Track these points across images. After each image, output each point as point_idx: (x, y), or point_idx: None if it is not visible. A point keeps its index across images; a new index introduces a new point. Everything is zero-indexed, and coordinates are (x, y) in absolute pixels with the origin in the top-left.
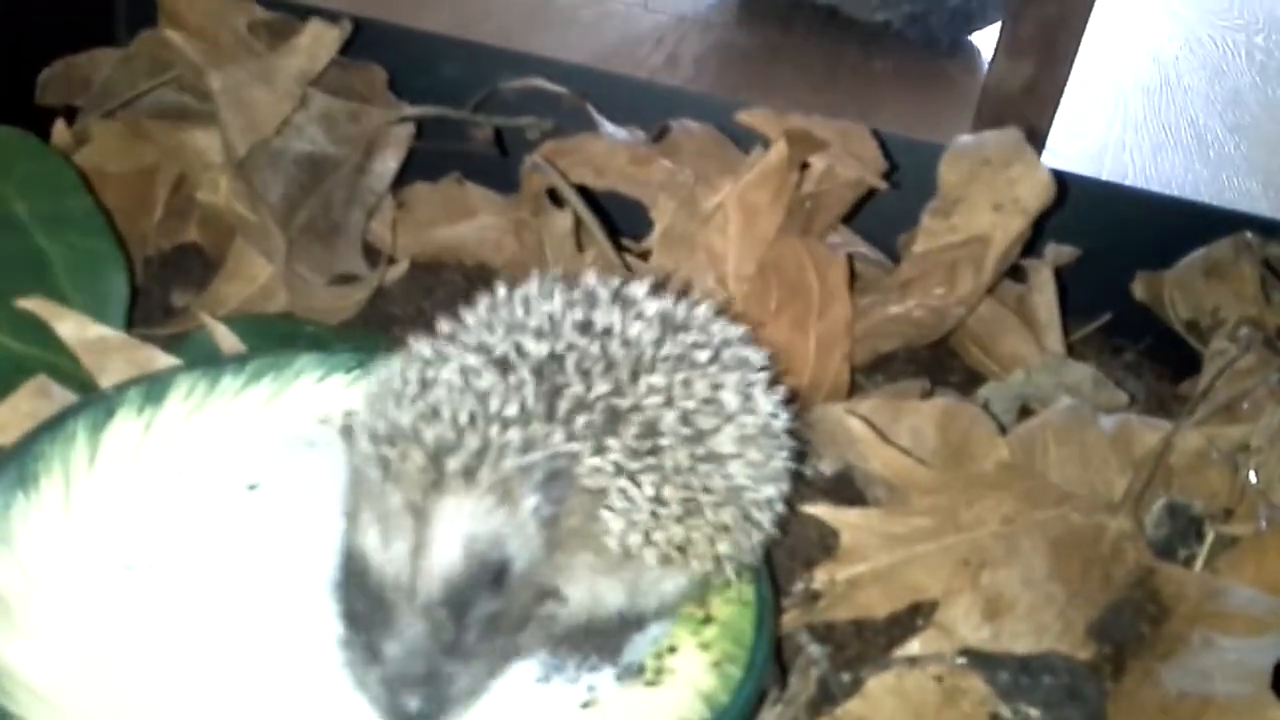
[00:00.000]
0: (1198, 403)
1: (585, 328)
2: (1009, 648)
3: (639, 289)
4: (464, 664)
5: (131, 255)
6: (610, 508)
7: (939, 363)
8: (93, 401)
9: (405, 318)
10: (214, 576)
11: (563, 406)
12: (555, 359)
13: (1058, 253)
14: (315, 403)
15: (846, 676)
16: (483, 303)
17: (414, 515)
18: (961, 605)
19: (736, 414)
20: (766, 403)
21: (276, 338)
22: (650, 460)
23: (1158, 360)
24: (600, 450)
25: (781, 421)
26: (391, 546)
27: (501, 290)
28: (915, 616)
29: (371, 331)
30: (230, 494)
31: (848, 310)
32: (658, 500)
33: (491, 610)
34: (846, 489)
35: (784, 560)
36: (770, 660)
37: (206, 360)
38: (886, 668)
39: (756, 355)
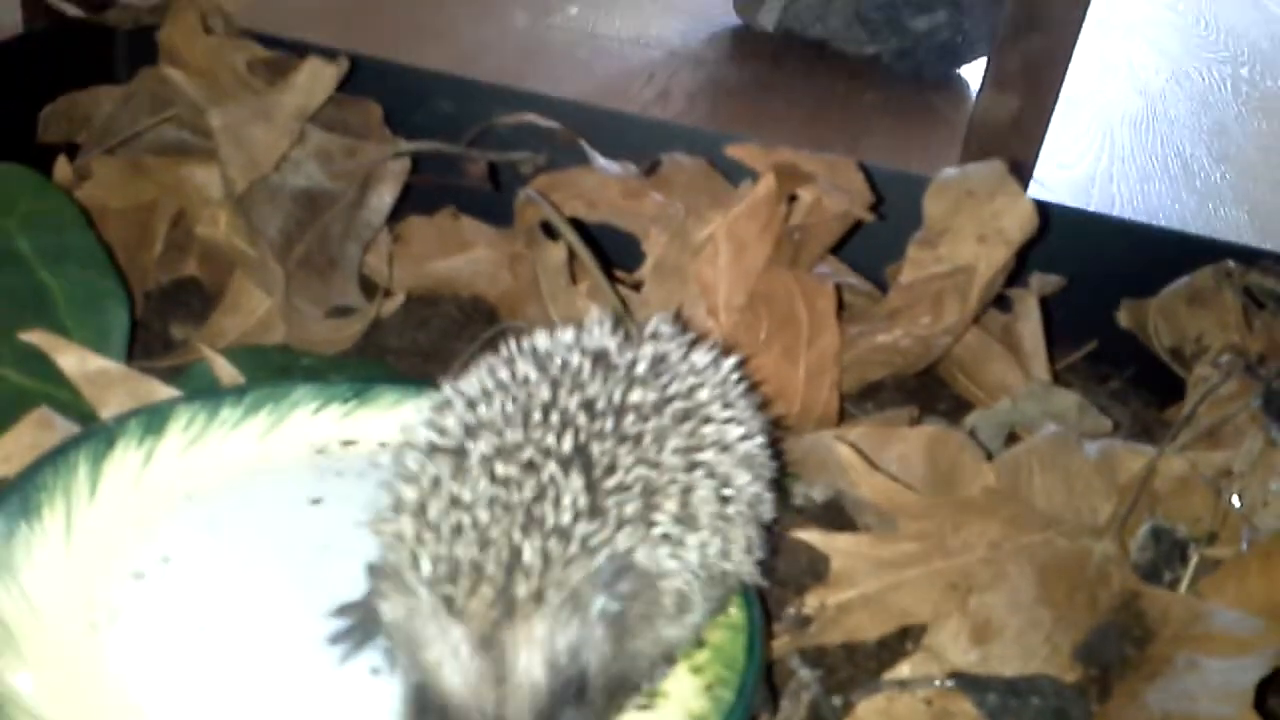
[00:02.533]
0: (1181, 428)
1: (591, 407)
2: (997, 670)
3: (614, 345)
4: None
5: (132, 289)
6: (667, 577)
7: (927, 390)
8: (94, 432)
9: (401, 349)
10: (219, 595)
11: (605, 499)
12: (579, 450)
13: (1043, 282)
14: (312, 432)
15: (838, 700)
16: (478, 379)
17: (489, 647)
18: (950, 629)
19: (740, 442)
20: (753, 419)
21: (274, 369)
22: (692, 521)
23: (1143, 387)
24: (649, 528)
25: (761, 437)
26: (470, 684)
27: (487, 371)
28: (905, 640)
29: (368, 361)
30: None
31: (836, 339)
32: (703, 550)
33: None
34: (837, 515)
35: (775, 586)
36: (761, 684)
37: (206, 391)
38: (877, 691)
39: (730, 372)
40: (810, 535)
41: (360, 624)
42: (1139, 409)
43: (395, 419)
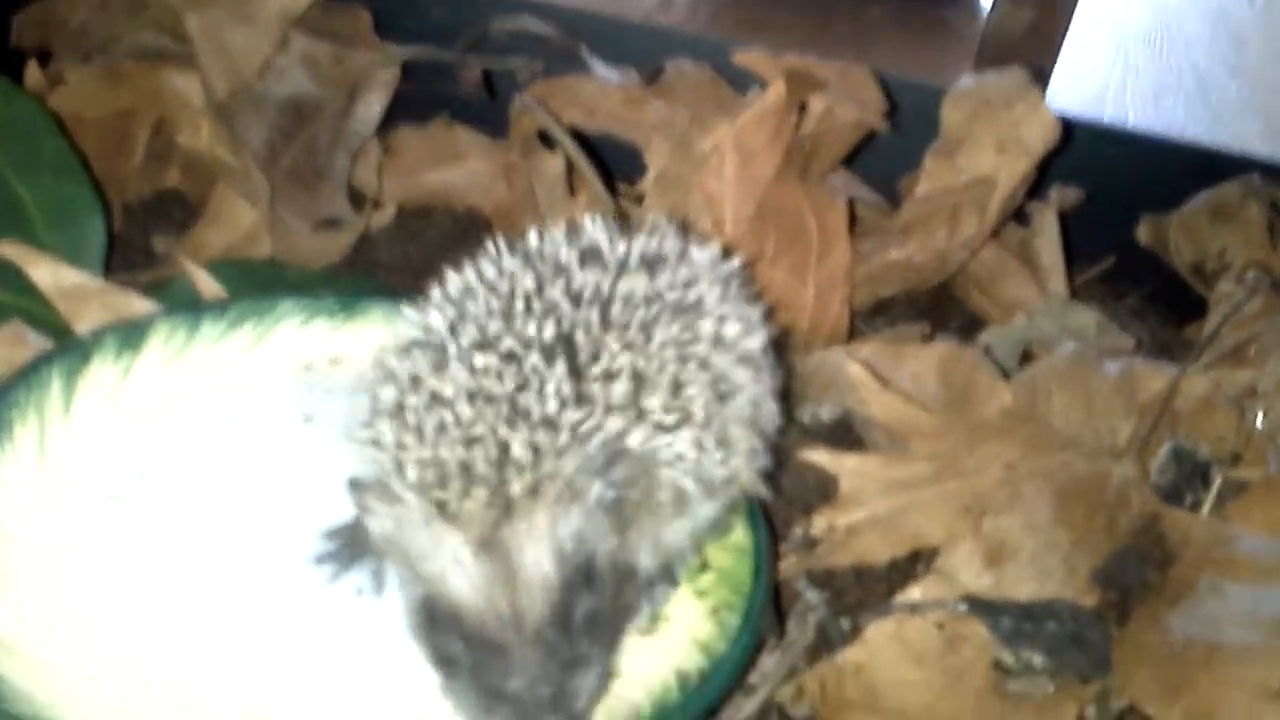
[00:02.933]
0: (1204, 347)
1: (578, 298)
2: (1012, 594)
3: (603, 235)
4: (584, 673)
5: (110, 201)
6: (661, 467)
7: (939, 307)
8: (69, 348)
9: (392, 263)
10: (198, 514)
11: (591, 385)
12: (563, 339)
13: (1062, 195)
14: (299, 348)
15: (846, 623)
16: (462, 278)
17: (490, 549)
18: (963, 552)
19: (739, 339)
20: (755, 319)
21: (259, 283)
22: (684, 412)
23: (1161, 305)
24: (640, 416)
25: (764, 337)
26: (479, 588)
27: (481, 264)
28: (916, 563)
29: (357, 276)
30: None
31: (847, 255)
32: (699, 446)
33: (591, 608)
34: (845, 434)
35: (782, 506)
36: (768, 608)
37: (187, 306)
38: (887, 614)
39: (732, 270)
40: (818, 455)
41: (348, 545)
42: (1157, 327)
43: (385, 335)
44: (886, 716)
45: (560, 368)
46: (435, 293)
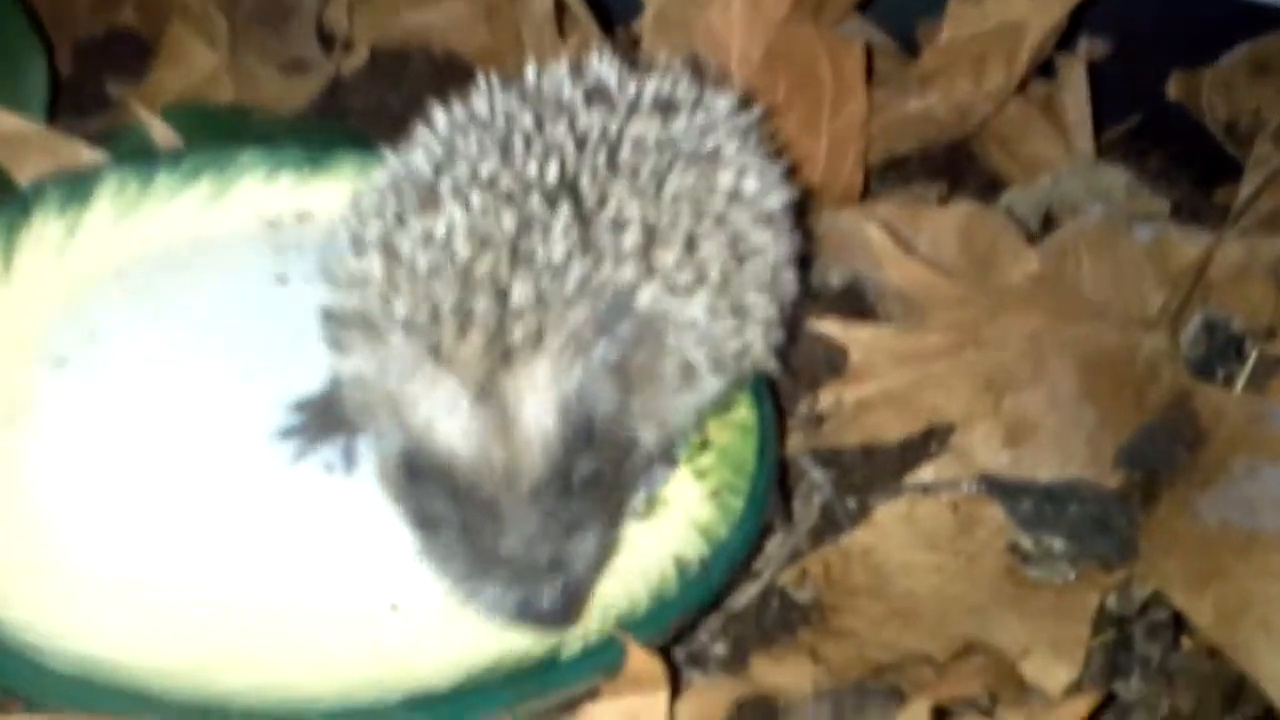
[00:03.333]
0: (1241, 212)
1: (583, 140)
2: (1031, 474)
3: (610, 73)
4: (583, 538)
5: (56, 41)
6: (670, 334)
7: (955, 166)
8: (7, 201)
9: (366, 110)
10: (154, 383)
11: (599, 234)
12: (567, 184)
13: (1092, 45)
14: (263, 203)
15: (852, 504)
16: (449, 117)
17: (487, 397)
18: (981, 429)
19: (759, 196)
20: (777, 176)
21: (220, 131)
22: (699, 272)
23: (1189, 167)
24: (651, 272)
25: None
26: (473, 439)
27: (471, 101)
28: (929, 441)
29: (327, 125)
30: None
31: (864, 105)
32: (713, 312)
33: (592, 471)
34: (855, 302)
35: (787, 380)
36: (773, 490)
37: (139, 156)
38: (897, 495)
39: (751, 121)
40: (828, 325)
41: (318, 418)
42: (1187, 191)
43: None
44: (894, 602)
45: (565, 212)
46: (420, 131)
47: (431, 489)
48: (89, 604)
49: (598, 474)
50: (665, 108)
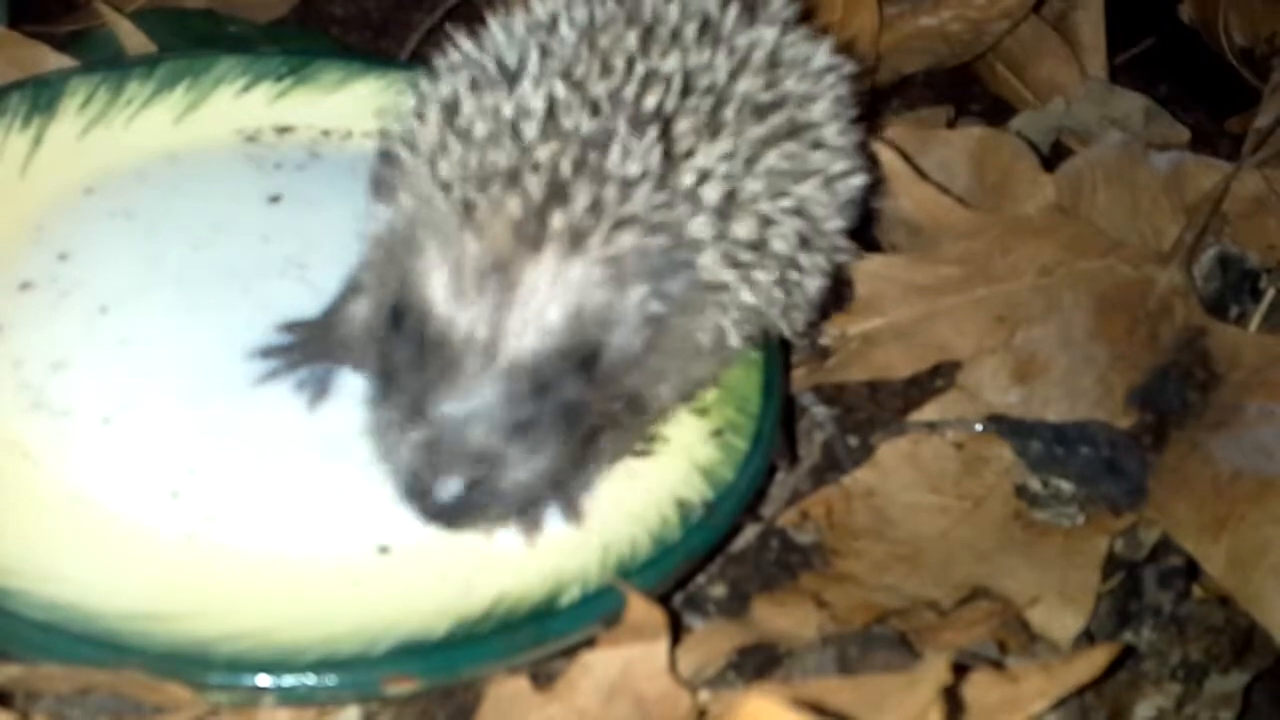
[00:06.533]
0: (1260, 143)
1: (688, 83)
2: (1039, 413)
3: (722, 14)
4: (524, 454)
5: None
6: (719, 304)
7: (960, 88)
8: None
9: (348, 18)
10: (129, 303)
11: (682, 177)
12: (663, 117)
13: None
14: (240, 114)
15: (854, 442)
16: (525, 17)
17: (502, 270)
18: (989, 365)
19: (844, 179)
20: (854, 140)
21: (194, 37)
22: (763, 252)
23: (1201, 94)
24: (719, 239)
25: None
26: (469, 300)
27: (571, 7)
28: (935, 378)
29: (308, 33)
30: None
31: (875, 19)
32: (768, 298)
33: (572, 399)
34: (861, 231)
35: None
36: (779, 430)
37: (109, 61)
38: (901, 433)
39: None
40: None
41: (303, 343)
42: (1201, 118)
43: (340, 102)
44: (897, 545)
45: (651, 139)
46: (498, 22)
47: (407, 341)
48: (60, 546)
49: (578, 408)
50: (774, 64)
